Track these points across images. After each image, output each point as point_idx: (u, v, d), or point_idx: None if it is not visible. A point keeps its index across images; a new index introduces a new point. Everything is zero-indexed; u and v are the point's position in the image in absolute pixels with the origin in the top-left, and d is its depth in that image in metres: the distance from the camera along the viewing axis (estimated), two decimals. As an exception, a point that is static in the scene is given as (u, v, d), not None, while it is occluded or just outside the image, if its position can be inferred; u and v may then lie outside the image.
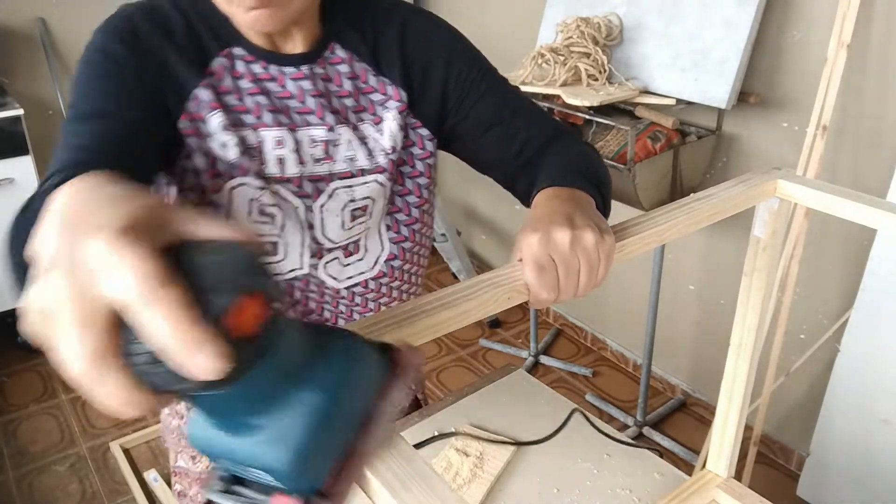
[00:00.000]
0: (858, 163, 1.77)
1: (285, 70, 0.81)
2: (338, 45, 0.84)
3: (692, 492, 0.93)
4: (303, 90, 0.82)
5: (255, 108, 0.80)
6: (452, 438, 1.08)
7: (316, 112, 0.82)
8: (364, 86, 0.85)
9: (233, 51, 0.79)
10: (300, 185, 0.82)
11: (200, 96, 0.77)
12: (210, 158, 0.78)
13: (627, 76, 2.00)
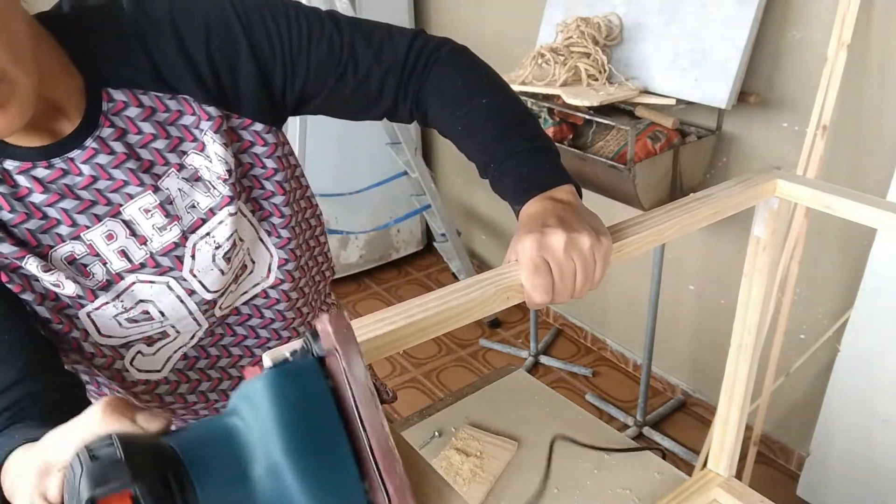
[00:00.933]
0: (858, 163, 1.77)
1: (72, 156, 0.68)
2: (110, 89, 0.70)
3: (693, 491, 0.93)
4: (101, 167, 0.70)
5: (64, 216, 0.69)
6: (452, 438, 1.08)
7: (131, 181, 0.71)
8: (165, 115, 0.72)
9: (5, 167, 0.67)
10: (157, 265, 0.74)
11: (2, 250, 0.67)
12: (50, 294, 0.70)
13: (627, 76, 2.00)
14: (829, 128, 1.69)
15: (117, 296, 0.72)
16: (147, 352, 0.79)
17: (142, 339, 0.78)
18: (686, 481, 0.97)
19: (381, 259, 3.30)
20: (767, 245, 0.80)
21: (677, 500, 0.92)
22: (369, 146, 2.90)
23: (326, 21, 0.77)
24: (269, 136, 0.79)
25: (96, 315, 0.72)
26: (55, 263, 0.69)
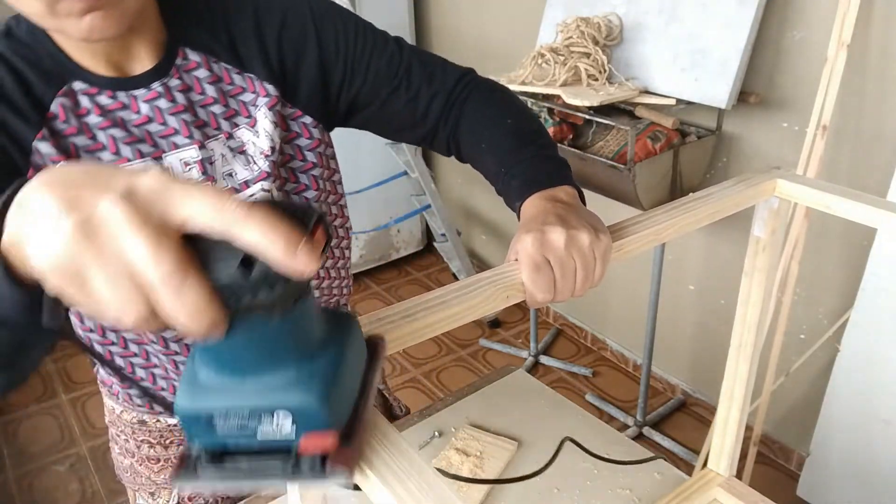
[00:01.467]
0: (858, 163, 1.77)
1: (136, 94, 0.73)
2: (188, 48, 0.75)
3: (693, 491, 0.93)
4: (160, 110, 0.74)
5: (111, 142, 0.72)
6: (452, 438, 1.08)
7: (181, 131, 0.75)
8: (230, 87, 0.77)
9: (73, 87, 0.71)
10: None
11: (42, 149, 0.69)
12: None
13: (627, 76, 2.00)
14: (829, 128, 1.68)
15: None
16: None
17: None
18: (686, 481, 0.97)
19: (381, 259, 3.30)
20: (767, 245, 0.79)
21: (677, 499, 0.92)
22: (369, 146, 2.91)
23: (390, 41, 0.85)
24: (316, 130, 0.83)
25: None
26: None
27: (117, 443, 1.03)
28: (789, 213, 1.75)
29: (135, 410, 0.98)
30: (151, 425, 0.99)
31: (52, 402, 2.52)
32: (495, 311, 0.58)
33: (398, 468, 0.40)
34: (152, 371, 0.89)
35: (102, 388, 1.01)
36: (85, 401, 2.53)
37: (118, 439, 1.03)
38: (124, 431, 1.01)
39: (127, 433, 1.00)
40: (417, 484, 0.40)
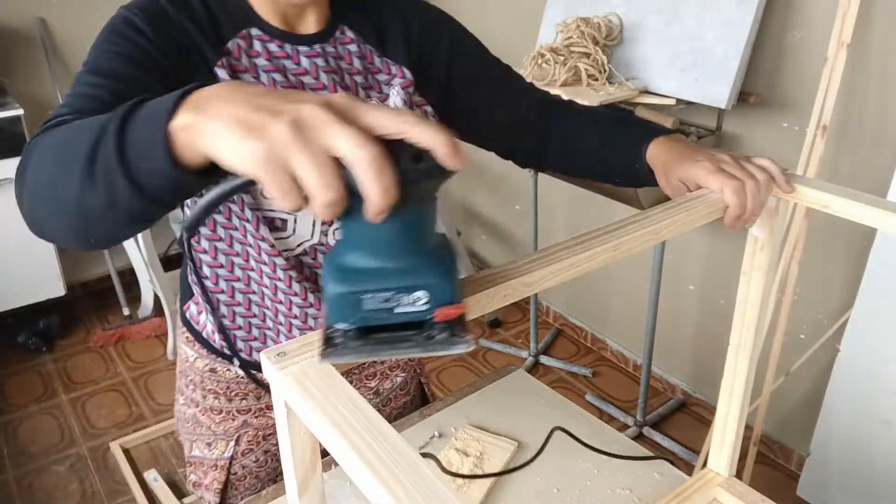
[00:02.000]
0: (858, 163, 1.77)
1: (300, 48, 0.85)
2: (346, 26, 0.89)
3: (693, 490, 0.93)
4: (317, 67, 0.86)
5: (271, 84, 0.83)
6: (452, 438, 1.08)
7: (329, 88, 0.87)
8: (371, 65, 0.91)
9: (250, 31, 0.83)
10: None
11: (219, 75, 0.80)
12: None
13: (627, 76, 2.00)
14: (829, 128, 1.69)
15: None
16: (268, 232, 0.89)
17: (269, 219, 0.88)
18: (686, 481, 0.97)
19: (381, 259, 3.30)
20: (766, 244, 0.79)
21: (678, 499, 0.92)
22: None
23: (500, 62, 1.03)
24: (434, 119, 0.95)
25: None
26: None
27: (183, 393, 1.11)
28: (788, 213, 1.75)
29: (207, 358, 1.05)
30: (221, 374, 1.05)
31: (52, 402, 2.52)
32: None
33: (396, 468, 0.40)
34: (250, 320, 0.98)
35: (182, 337, 1.08)
36: (85, 401, 2.53)
37: (185, 390, 1.10)
38: (193, 381, 1.08)
39: (196, 382, 1.07)
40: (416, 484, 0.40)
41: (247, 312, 0.98)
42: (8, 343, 2.79)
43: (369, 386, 1.14)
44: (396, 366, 1.17)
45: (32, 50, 2.81)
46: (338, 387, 0.47)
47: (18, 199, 0.61)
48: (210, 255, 0.93)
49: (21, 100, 2.56)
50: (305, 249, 0.92)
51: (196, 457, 1.11)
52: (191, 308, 1.05)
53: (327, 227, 0.91)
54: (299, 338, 0.51)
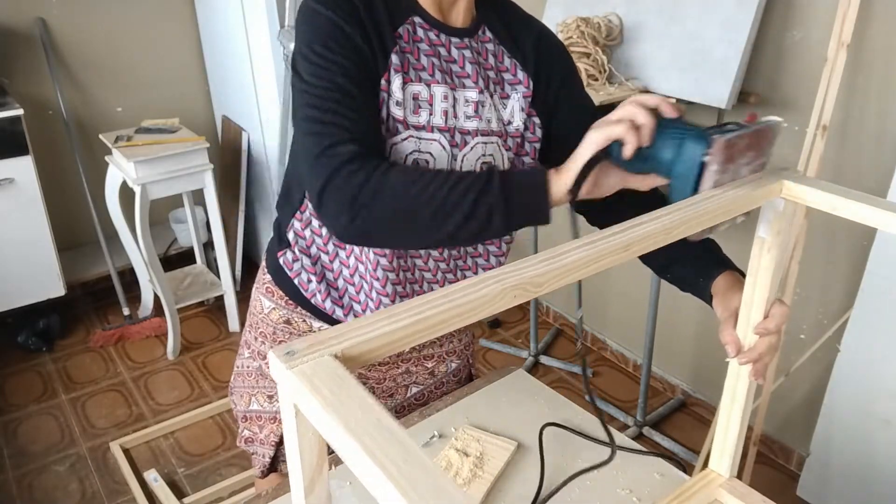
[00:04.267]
0: (859, 163, 1.77)
1: (452, 39, 0.96)
2: (487, 27, 1.00)
3: (695, 491, 0.93)
4: (464, 57, 0.97)
5: (430, 66, 0.94)
6: (452, 438, 1.08)
7: (472, 77, 0.97)
8: (501, 65, 1.01)
9: (414, 19, 0.94)
10: (453, 135, 0.96)
11: (393, 59, 0.91)
12: (386, 114, 0.92)
13: (627, 76, 2.00)
14: (829, 128, 1.69)
15: (419, 139, 0.94)
16: None
17: None
18: (687, 482, 0.97)
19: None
20: (772, 245, 0.79)
21: (678, 500, 0.92)
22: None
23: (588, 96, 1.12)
24: (540, 131, 1.04)
25: (397, 149, 0.93)
26: (405, 93, 0.93)
27: (250, 346, 1.18)
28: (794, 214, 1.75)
29: (285, 309, 1.11)
30: (295, 325, 1.12)
31: (52, 402, 2.52)
32: (501, 309, 0.57)
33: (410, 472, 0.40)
34: (348, 286, 1.06)
35: (261, 287, 1.14)
36: (85, 401, 2.53)
37: (253, 343, 1.17)
38: (264, 332, 1.14)
39: (267, 334, 1.14)
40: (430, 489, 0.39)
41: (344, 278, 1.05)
42: (8, 343, 2.79)
43: (426, 367, 1.20)
44: (453, 352, 1.22)
45: (32, 50, 2.81)
46: (349, 387, 0.46)
47: (353, 214, 0.82)
48: (323, 241, 1.04)
49: (21, 100, 2.56)
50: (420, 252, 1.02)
51: (254, 410, 1.18)
52: (286, 254, 1.08)
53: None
54: (308, 336, 0.50)
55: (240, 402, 1.21)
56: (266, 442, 1.17)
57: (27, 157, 2.50)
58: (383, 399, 1.19)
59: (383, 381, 1.17)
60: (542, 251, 0.61)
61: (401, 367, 1.17)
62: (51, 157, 2.90)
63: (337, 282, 1.06)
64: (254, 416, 1.18)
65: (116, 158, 2.53)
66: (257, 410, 1.18)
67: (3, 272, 2.59)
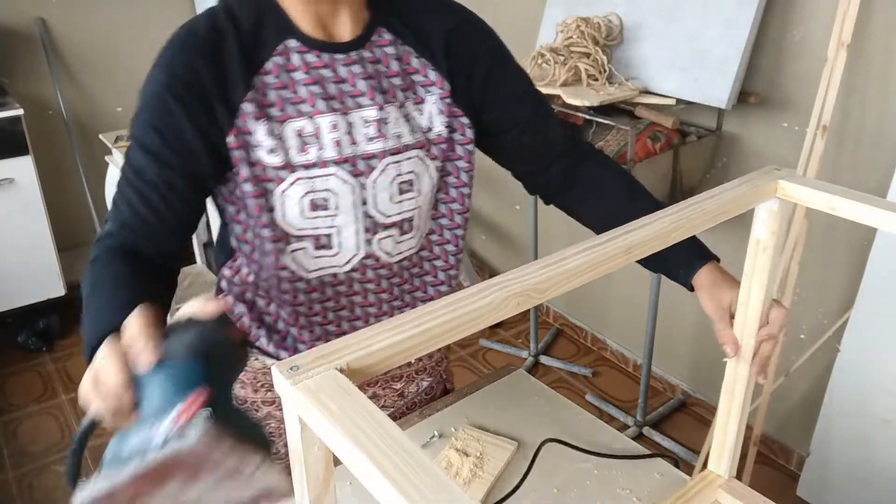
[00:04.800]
0: (858, 163, 1.77)
1: (336, 57, 0.88)
2: (384, 28, 0.91)
3: (695, 492, 0.93)
4: (353, 74, 0.88)
5: (310, 97, 0.86)
6: (452, 438, 1.08)
7: (366, 94, 0.89)
8: (408, 67, 0.92)
9: (287, 44, 0.86)
10: (354, 164, 0.89)
11: (246, 109, 0.84)
12: (259, 166, 0.86)
13: (627, 76, 2.00)
14: (829, 128, 1.69)
15: (312, 178, 0.87)
16: (310, 253, 0.92)
17: (311, 238, 0.91)
18: (687, 483, 0.97)
19: (380, 259, 3.30)
20: (768, 246, 0.79)
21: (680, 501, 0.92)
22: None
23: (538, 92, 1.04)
24: (470, 131, 0.96)
25: (287, 195, 0.87)
26: (284, 133, 0.86)
27: None
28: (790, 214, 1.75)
29: None
30: (249, 364, 1.06)
31: (52, 402, 2.52)
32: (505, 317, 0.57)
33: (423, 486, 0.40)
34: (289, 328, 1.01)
35: None
36: (85, 401, 2.53)
37: None
38: None
39: None
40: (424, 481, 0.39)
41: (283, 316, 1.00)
42: (8, 343, 2.79)
43: (395, 388, 1.15)
44: (423, 370, 1.18)
45: (32, 50, 2.81)
46: (355, 400, 0.46)
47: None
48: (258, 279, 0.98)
49: (21, 100, 2.56)
50: (354, 266, 0.95)
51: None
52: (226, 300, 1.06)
53: (371, 235, 0.93)
54: (312, 350, 0.50)
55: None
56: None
57: (27, 157, 2.50)
58: None
59: None
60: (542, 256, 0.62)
61: (367, 391, 1.12)
62: (51, 157, 2.90)
63: (277, 325, 1.02)
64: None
65: (116, 158, 2.53)
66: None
67: (3, 272, 2.59)
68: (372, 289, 0.99)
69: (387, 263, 0.97)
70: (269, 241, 0.90)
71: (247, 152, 0.85)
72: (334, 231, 0.91)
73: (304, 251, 0.92)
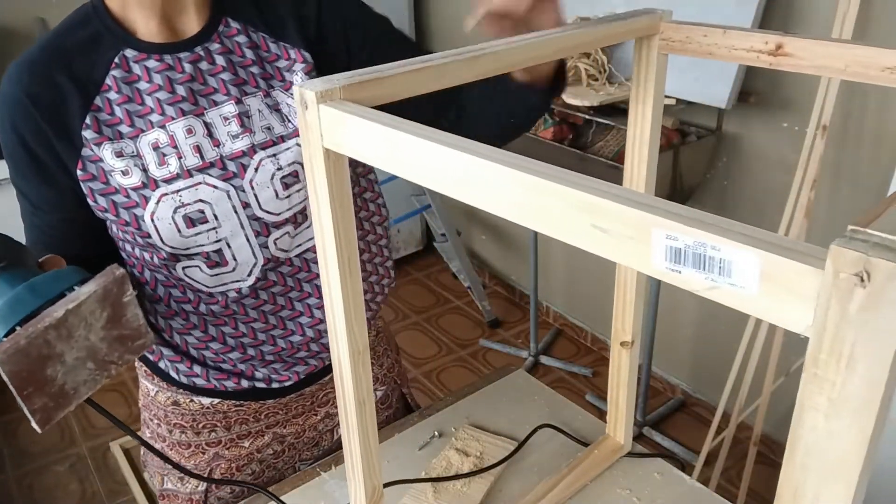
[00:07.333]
0: (858, 163, 1.77)
1: (180, 56, 0.82)
2: (229, 18, 0.85)
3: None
4: (201, 71, 0.83)
5: (157, 105, 0.81)
6: (452, 438, 1.08)
7: (220, 90, 0.83)
8: (266, 54, 0.86)
9: (125, 54, 0.81)
10: (224, 167, 0.83)
11: (87, 137, 0.80)
12: (122, 192, 0.81)
13: (627, 76, 2.00)
14: (829, 128, 1.69)
15: (178, 191, 0.81)
16: (206, 271, 0.87)
17: (201, 255, 0.85)
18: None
19: (380, 259, 3.30)
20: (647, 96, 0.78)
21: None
22: (369, 146, 2.90)
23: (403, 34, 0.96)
24: None
25: (157, 217, 0.81)
26: (140, 149, 0.81)
27: (149, 427, 1.06)
28: (788, 213, 1.75)
29: (169, 391, 1.01)
30: (185, 406, 1.02)
31: (52, 402, 2.52)
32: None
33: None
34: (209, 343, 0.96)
35: (140, 370, 1.05)
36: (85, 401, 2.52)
37: (150, 423, 1.06)
38: (157, 415, 1.03)
39: (160, 417, 1.03)
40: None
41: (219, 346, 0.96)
42: (8, 343, 2.79)
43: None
44: (375, 379, 1.13)
45: (32, 50, 2.81)
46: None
47: None
48: (164, 304, 0.93)
49: (21, 100, 2.56)
50: (258, 276, 0.89)
51: (169, 490, 1.06)
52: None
53: (265, 238, 0.87)
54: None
55: (155, 479, 1.09)
56: None
57: (27, 157, 2.50)
58: (308, 450, 1.10)
59: (303, 433, 1.08)
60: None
61: (318, 412, 1.08)
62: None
63: (198, 352, 0.96)
64: (170, 495, 1.06)
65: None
66: (172, 490, 1.06)
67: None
68: (279, 291, 0.93)
69: (287, 259, 0.91)
70: (156, 262, 0.87)
71: (103, 181, 0.81)
72: (222, 244, 0.85)
73: (197, 269, 0.87)
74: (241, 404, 1.02)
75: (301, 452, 1.10)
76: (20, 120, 0.80)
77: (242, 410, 1.03)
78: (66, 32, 0.82)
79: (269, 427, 1.05)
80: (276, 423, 1.05)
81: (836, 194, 1.84)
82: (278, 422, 1.05)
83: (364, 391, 0.61)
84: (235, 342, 0.95)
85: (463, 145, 0.42)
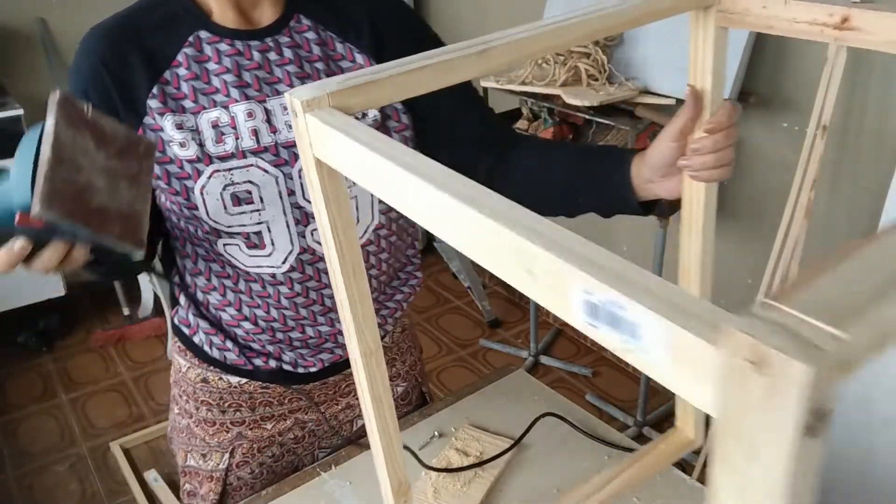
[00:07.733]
0: (859, 163, 1.77)
1: (251, 44, 0.86)
2: (301, 15, 0.89)
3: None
4: (269, 61, 0.87)
5: (223, 86, 0.85)
6: (452, 438, 1.08)
7: (284, 80, 0.87)
8: (332, 53, 0.90)
9: (199, 35, 0.86)
10: (276, 153, 0.86)
11: (151, 106, 0.84)
12: (177, 163, 0.85)
13: (627, 76, 2.00)
14: (829, 128, 1.69)
15: (230, 169, 0.85)
16: (244, 251, 0.91)
17: (242, 235, 0.89)
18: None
19: (380, 259, 3.30)
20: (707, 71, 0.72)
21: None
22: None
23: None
24: (405, 116, 0.93)
25: (207, 191, 0.85)
26: (200, 125, 0.85)
27: (178, 403, 1.10)
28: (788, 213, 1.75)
29: (199, 367, 1.05)
30: (213, 384, 1.05)
31: (52, 402, 2.52)
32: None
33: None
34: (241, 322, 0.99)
35: (174, 347, 1.09)
36: (85, 401, 2.53)
37: (179, 400, 1.09)
38: (186, 391, 1.07)
39: (188, 393, 1.07)
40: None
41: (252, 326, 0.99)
42: (8, 343, 2.79)
43: None
44: (398, 375, 1.16)
45: (32, 50, 2.81)
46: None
47: None
48: (204, 277, 0.97)
49: (21, 100, 2.56)
50: (293, 265, 0.92)
51: (191, 467, 1.10)
52: (179, 313, 1.04)
53: (303, 227, 0.90)
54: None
55: (179, 456, 1.13)
56: (206, 499, 1.09)
57: (27, 157, 2.50)
58: (328, 438, 1.13)
59: (324, 421, 1.10)
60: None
61: (340, 402, 1.11)
62: (51, 157, 2.90)
63: (232, 329, 1.00)
64: (191, 472, 1.10)
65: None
66: (194, 467, 1.10)
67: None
68: (313, 286, 0.95)
69: (322, 255, 0.93)
70: (199, 235, 0.90)
71: (161, 149, 0.85)
72: (263, 227, 0.89)
73: (237, 248, 0.91)
74: (266, 387, 1.05)
75: (321, 440, 1.13)
76: (90, 85, 0.84)
77: (268, 393, 1.06)
78: (146, 9, 0.87)
79: (292, 412, 1.08)
80: (299, 408, 1.09)
81: (836, 194, 1.84)
82: (301, 408, 1.09)
83: (380, 388, 0.61)
84: (266, 325, 0.98)
85: (422, 170, 0.40)
